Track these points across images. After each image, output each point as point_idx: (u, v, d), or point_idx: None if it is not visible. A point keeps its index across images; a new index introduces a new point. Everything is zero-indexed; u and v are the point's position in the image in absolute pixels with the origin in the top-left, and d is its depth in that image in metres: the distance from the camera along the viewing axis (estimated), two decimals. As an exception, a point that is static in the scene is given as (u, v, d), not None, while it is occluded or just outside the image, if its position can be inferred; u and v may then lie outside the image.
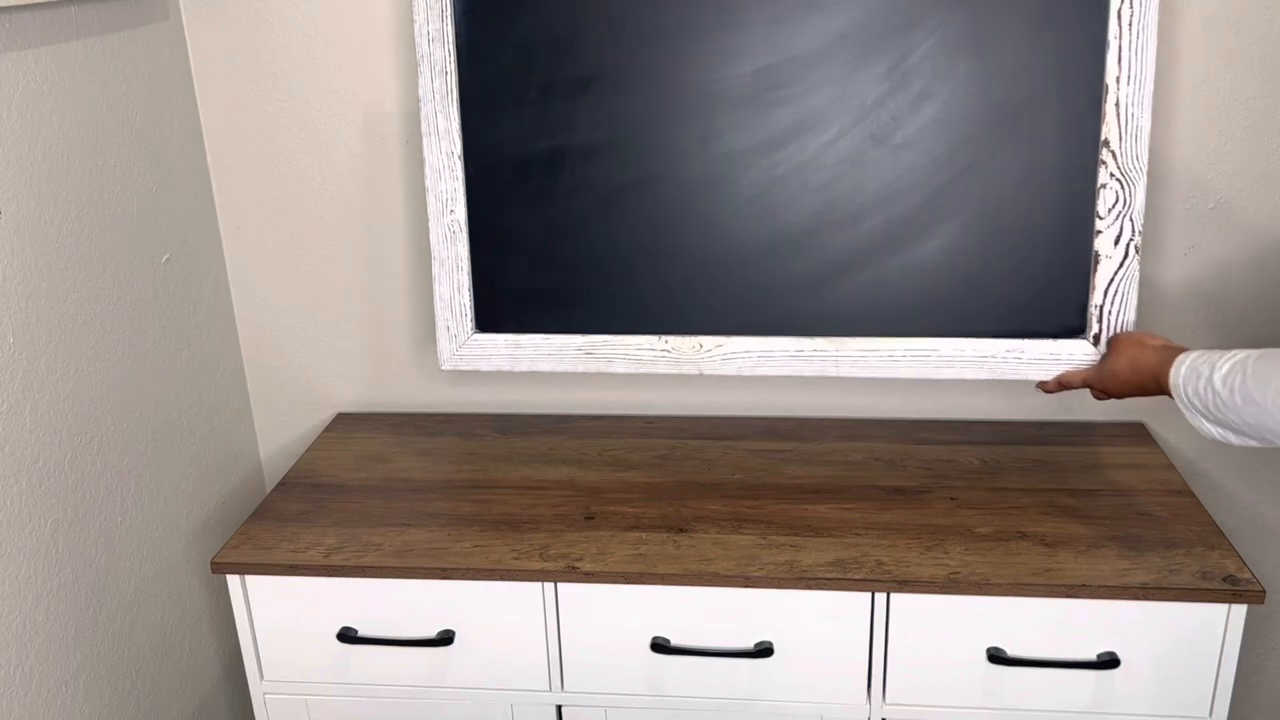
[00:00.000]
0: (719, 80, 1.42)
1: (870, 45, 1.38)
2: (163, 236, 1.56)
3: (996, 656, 1.33)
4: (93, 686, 1.41)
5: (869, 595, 1.33)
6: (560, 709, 1.45)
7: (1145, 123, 1.36)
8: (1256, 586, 1.27)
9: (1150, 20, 1.33)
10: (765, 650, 1.37)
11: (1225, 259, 1.58)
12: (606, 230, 1.49)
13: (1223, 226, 1.57)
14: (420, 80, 1.46)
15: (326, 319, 1.77)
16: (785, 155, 1.43)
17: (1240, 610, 1.28)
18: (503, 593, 1.38)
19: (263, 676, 1.47)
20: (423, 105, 1.47)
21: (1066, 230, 1.40)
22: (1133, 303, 1.42)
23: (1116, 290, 1.41)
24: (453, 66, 1.45)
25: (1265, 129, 1.52)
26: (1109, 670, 1.33)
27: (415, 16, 1.43)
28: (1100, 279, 1.41)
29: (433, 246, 1.51)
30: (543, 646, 1.41)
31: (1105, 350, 1.41)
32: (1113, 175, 1.37)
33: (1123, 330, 1.42)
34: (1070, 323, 1.44)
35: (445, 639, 1.41)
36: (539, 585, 1.38)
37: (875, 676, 1.38)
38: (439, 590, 1.39)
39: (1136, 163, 1.37)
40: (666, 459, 1.62)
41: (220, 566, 1.40)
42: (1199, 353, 1.18)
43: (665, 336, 1.52)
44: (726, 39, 1.40)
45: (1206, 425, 1.17)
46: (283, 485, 1.58)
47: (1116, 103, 1.35)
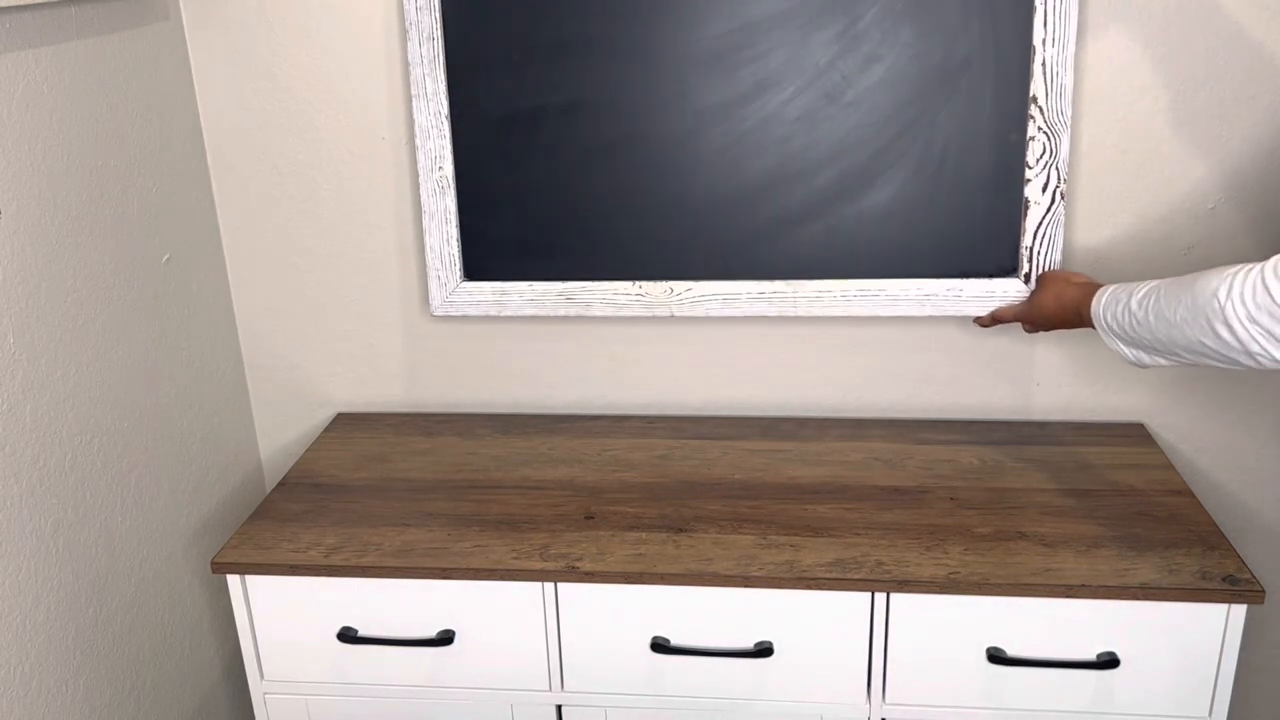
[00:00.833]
0: (688, 43, 1.52)
1: (822, 10, 1.49)
2: (163, 236, 1.56)
3: (996, 656, 1.33)
4: (93, 686, 1.41)
5: (869, 595, 1.33)
6: (560, 709, 1.45)
7: (1068, 80, 1.48)
8: (1256, 586, 1.27)
9: None
10: (765, 650, 1.37)
11: (1225, 259, 1.58)
12: (585, 184, 1.60)
13: (1224, 226, 1.57)
14: (409, 45, 1.54)
15: (326, 319, 1.77)
16: (750, 111, 1.54)
17: (1240, 610, 1.28)
18: (503, 593, 1.38)
19: (263, 676, 1.47)
20: (411, 69, 1.55)
21: (1000, 179, 1.54)
22: (1059, 244, 1.55)
23: (1044, 233, 1.55)
24: (439, 33, 1.54)
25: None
26: (1109, 670, 1.33)
27: None
28: (1030, 223, 1.55)
29: (423, 201, 1.62)
30: (543, 646, 1.41)
31: (1034, 288, 1.54)
32: (1040, 129, 1.50)
33: (1050, 269, 1.55)
34: (1004, 263, 1.57)
35: (445, 639, 1.41)
36: (539, 585, 1.38)
37: (875, 676, 1.38)
38: (439, 590, 1.39)
39: (1061, 117, 1.50)
40: (666, 459, 1.62)
41: (220, 566, 1.40)
42: (1118, 285, 1.28)
43: (639, 282, 1.63)
44: (694, 5, 1.51)
45: (1124, 348, 1.26)
46: (283, 485, 1.59)
47: (1043, 63, 1.48)
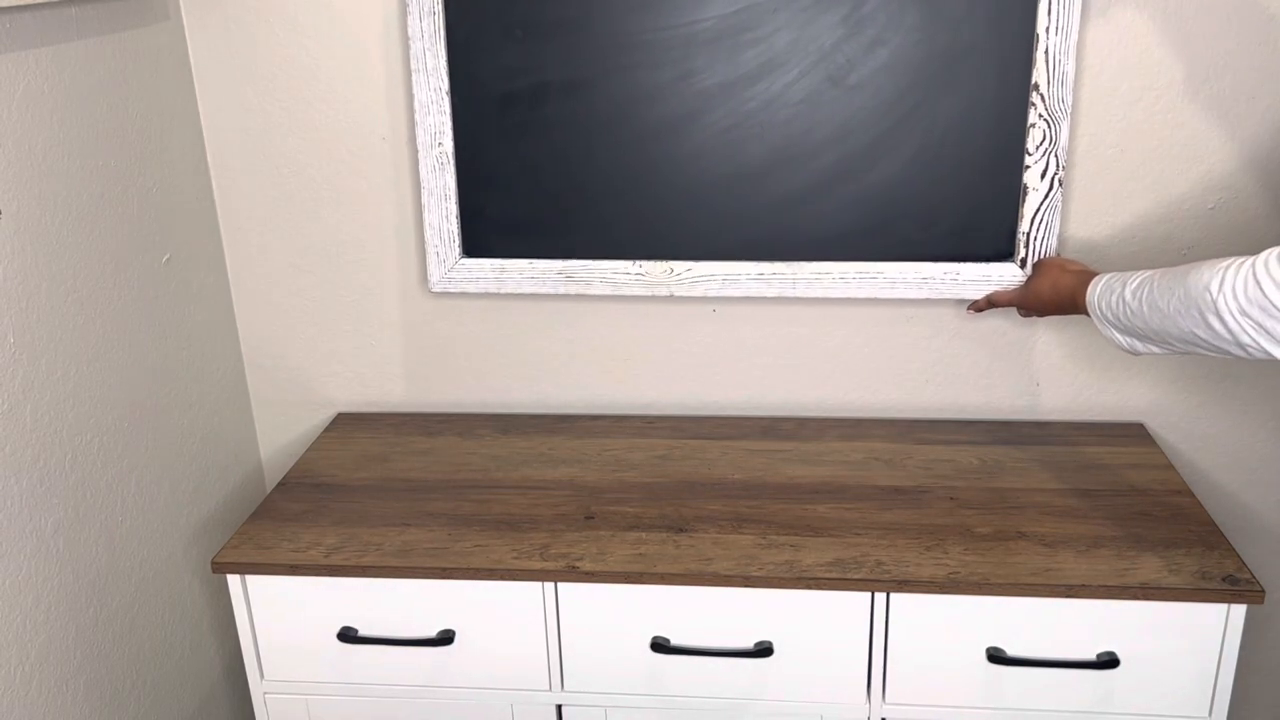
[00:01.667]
0: (692, 23, 1.52)
1: None
2: (163, 236, 1.56)
3: (996, 656, 1.33)
4: (93, 686, 1.41)
5: (869, 595, 1.33)
6: (560, 709, 1.45)
7: (1070, 68, 1.48)
8: (1256, 586, 1.27)
9: None
10: (765, 650, 1.37)
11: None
12: (586, 163, 1.59)
13: (1222, 226, 1.57)
14: (409, 20, 1.54)
15: (326, 319, 1.77)
16: (754, 92, 1.54)
17: (1240, 610, 1.28)
18: (503, 593, 1.38)
19: (263, 676, 1.47)
20: (411, 44, 1.55)
21: (999, 165, 1.54)
22: (1056, 230, 1.56)
23: (1042, 219, 1.55)
24: (440, 8, 1.53)
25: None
26: (1109, 670, 1.33)
27: None
28: (1028, 209, 1.55)
29: (422, 177, 1.61)
30: (543, 646, 1.41)
31: (1030, 273, 1.55)
32: (1041, 116, 1.51)
33: (1046, 255, 1.56)
34: (1001, 248, 1.59)
35: (445, 639, 1.41)
36: (539, 585, 1.38)
37: (875, 676, 1.38)
38: (439, 590, 1.39)
39: (1061, 105, 1.50)
40: (666, 459, 1.62)
41: (220, 566, 1.40)
42: (1113, 273, 1.29)
43: (640, 261, 1.63)
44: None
45: (1117, 335, 1.27)
46: (283, 485, 1.59)
47: (1046, 50, 1.48)
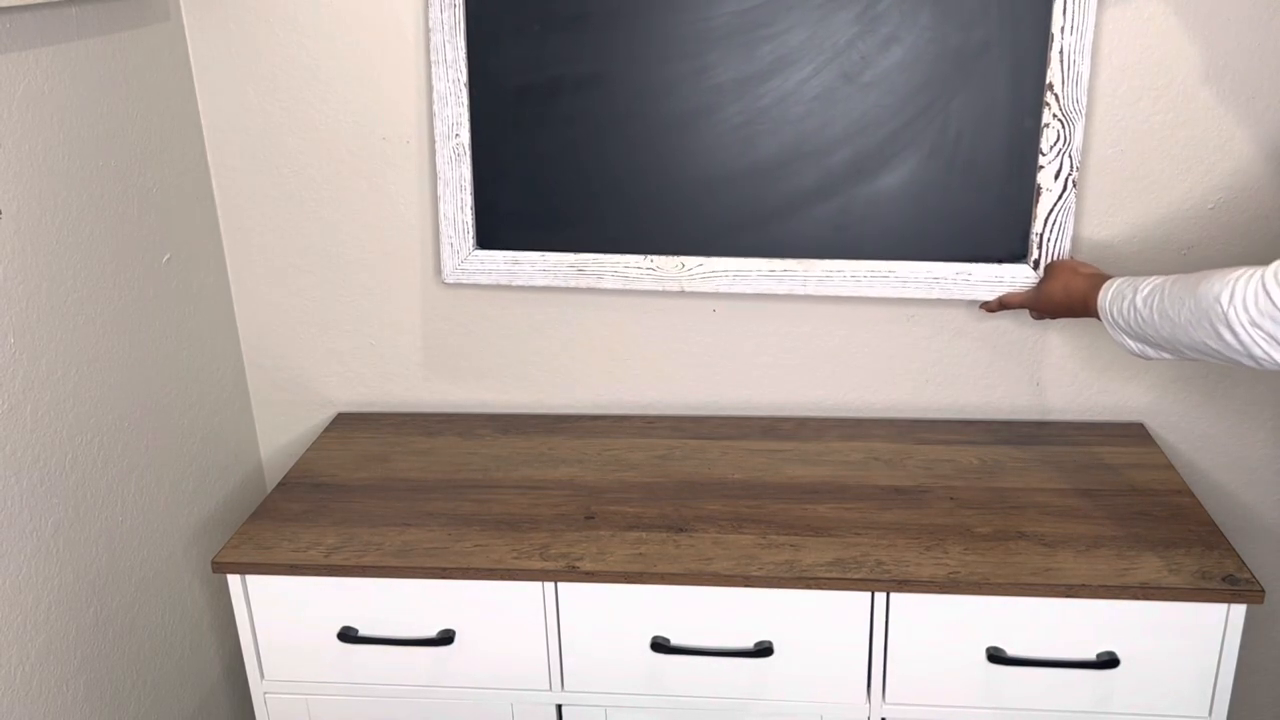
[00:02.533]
0: (708, 18, 1.52)
1: None
2: (163, 236, 1.56)
3: (996, 656, 1.33)
4: (93, 686, 1.41)
5: (869, 595, 1.33)
6: (560, 709, 1.45)
7: (1085, 69, 1.48)
8: (1256, 586, 1.27)
9: None
10: (765, 650, 1.37)
11: (1224, 259, 1.59)
12: (600, 156, 1.59)
13: (1226, 226, 1.57)
14: (430, 11, 1.54)
15: (326, 319, 1.77)
16: (768, 88, 1.54)
17: (1240, 610, 1.28)
18: (503, 592, 1.38)
19: (263, 676, 1.47)
20: (431, 35, 1.54)
21: (1013, 165, 1.53)
22: (1069, 231, 1.54)
23: (1055, 220, 1.54)
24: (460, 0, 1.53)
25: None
26: (1109, 670, 1.33)
27: None
28: (1041, 209, 1.54)
29: (438, 168, 1.61)
30: (543, 646, 1.41)
31: (1043, 275, 1.54)
32: (1055, 116, 1.50)
33: (1059, 257, 1.54)
34: (1014, 249, 1.57)
35: (445, 639, 1.41)
36: (539, 585, 1.38)
37: (875, 676, 1.38)
38: (439, 590, 1.39)
39: (1076, 105, 1.49)
40: (666, 459, 1.62)
41: (220, 566, 1.40)
42: (1124, 278, 1.28)
43: (651, 256, 1.62)
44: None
45: (1128, 341, 1.27)
46: (283, 485, 1.59)
47: (1060, 50, 1.47)
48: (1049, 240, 1.54)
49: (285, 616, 1.43)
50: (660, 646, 1.38)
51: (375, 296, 1.74)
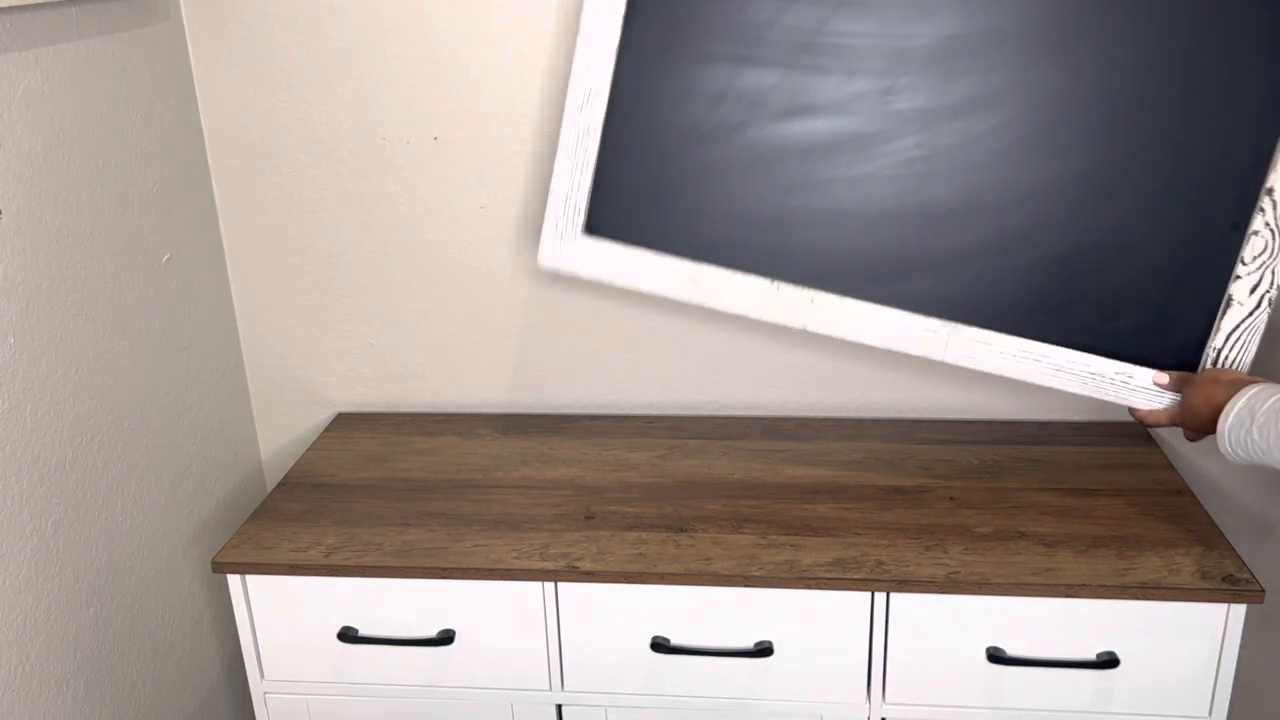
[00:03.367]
0: (907, 36, 1.37)
1: (1058, 45, 1.35)
2: (163, 236, 1.56)
3: (996, 656, 1.33)
4: (93, 686, 1.41)
5: (869, 595, 1.33)
6: (560, 709, 1.45)
7: None
8: (1256, 586, 1.27)
9: None
10: (765, 650, 1.37)
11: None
12: (747, 161, 1.42)
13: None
14: None
15: (326, 319, 1.77)
16: (955, 127, 1.38)
17: (1240, 610, 1.28)
18: (503, 592, 1.38)
19: (263, 676, 1.47)
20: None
21: (1204, 268, 1.38)
22: (1251, 352, 1.39)
23: (1239, 338, 1.39)
24: None
25: None
26: (1109, 670, 1.33)
27: None
28: (1227, 323, 1.38)
29: (563, 138, 1.42)
30: (543, 646, 1.41)
31: (1184, 388, 1.36)
32: (1267, 224, 1.35)
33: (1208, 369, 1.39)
34: (1185, 358, 1.40)
35: (445, 639, 1.41)
36: (539, 585, 1.38)
37: (875, 676, 1.38)
38: (439, 590, 1.39)
39: None
40: (666, 459, 1.62)
41: (221, 566, 1.40)
42: (1250, 395, 1.19)
43: (778, 282, 1.43)
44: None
45: (1240, 460, 1.20)
46: (283, 485, 1.59)
47: None
48: (1226, 358, 1.38)
49: (285, 616, 1.43)
50: (660, 646, 1.38)
51: (375, 296, 1.74)
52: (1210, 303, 1.38)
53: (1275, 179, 1.33)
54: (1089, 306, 1.41)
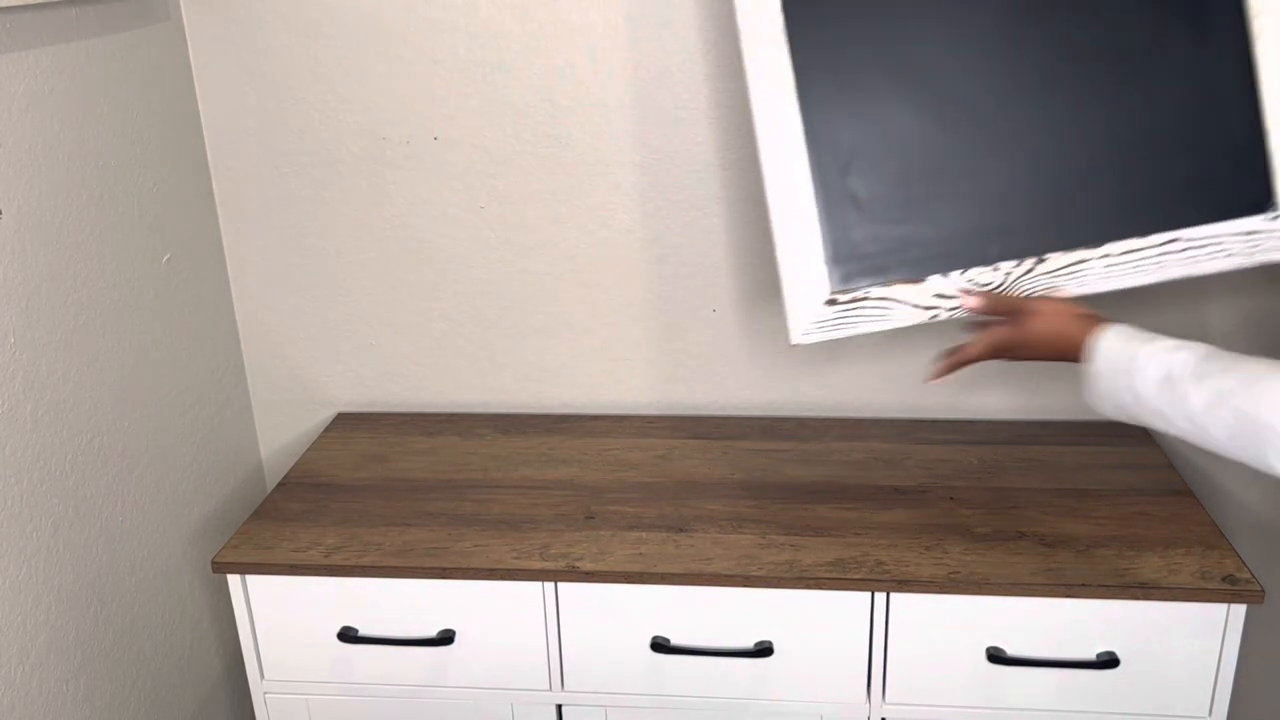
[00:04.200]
0: None
1: None
2: (163, 236, 1.56)
3: (996, 656, 1.33)
4: (93, 686, 1.41)
5: (869, 595, 1.33)
6: (560, 708, 1.45)
7: None
8: (1256, 586, 1.27)
9: None
10: (765, 650, 1.37)
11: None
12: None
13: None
14: None
15: (326, 319, 1.77)
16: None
17: (1240, 610, 1.29)
18: (503, 592, 1.38)
19: (263, 676, 1.47)
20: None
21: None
22: None
23: None
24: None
25: None
26: (1109, 670, 1.33)
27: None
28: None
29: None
30: (543, 646, 1.41)
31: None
32: None
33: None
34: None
35: (445, 639, 1.41)
36: (539, 585, 1.38)
37: (875, 676, 1.38)
38: (439, 590, 1.39)
39: None
40: (666, 459, 1.62)
41: (221, 566, 1.40)
42: (1119, 333, 1.13)
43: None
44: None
45: (1111, 413, 1.14)
46: (283, 485, 1.59)
47: None
48: None
49: (285, 616, 1.43)
50: (660, 646, 1.38)
51: (375, 295, 1.74)
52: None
53: None
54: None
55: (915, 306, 1.32)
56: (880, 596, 1.34)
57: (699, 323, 1.70)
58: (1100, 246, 1.29)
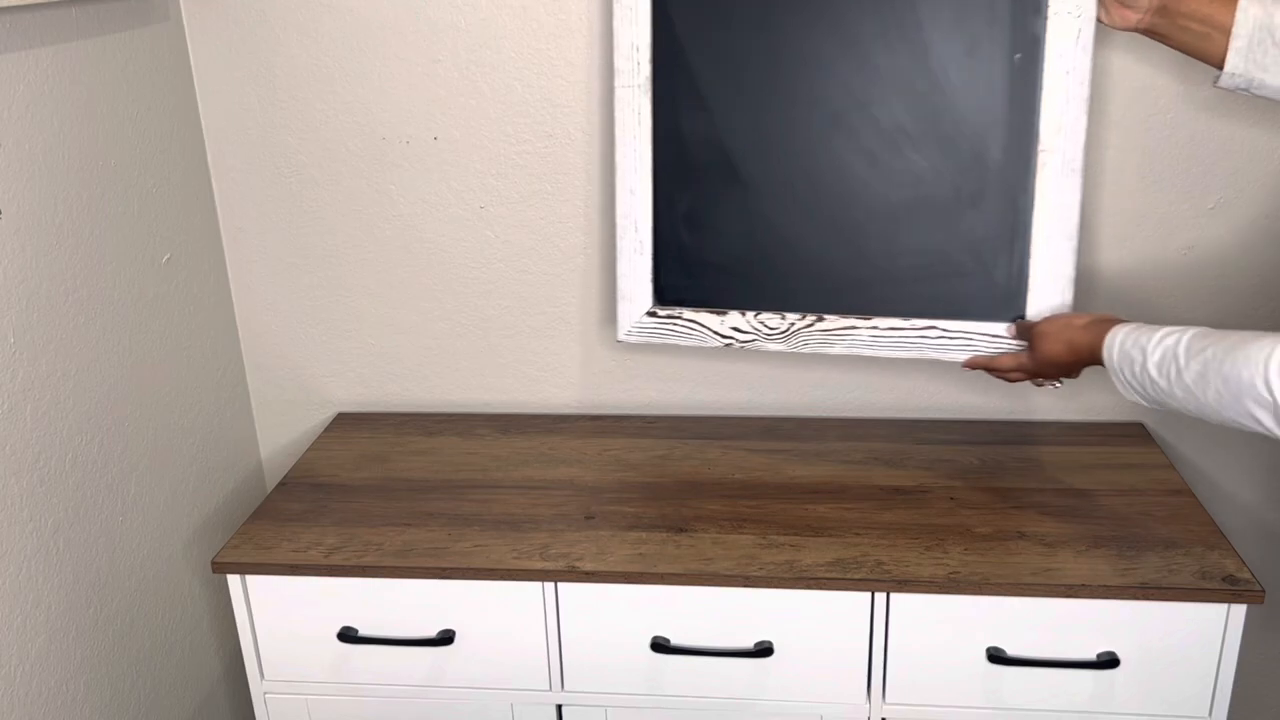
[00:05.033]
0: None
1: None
2: (163, 236, 1.56)
3: (996, 656, 1.33)
4: (93, 686, 1.41)
5: (869, 595, 1.33)
6: (560, 709, 1.45)
7: None
8: (1256, 586, 1.27)
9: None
10: (765, 650, 1.37)
11: (1224, 259, 1.59)
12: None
13: (1224, 226, 1.57)
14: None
15: (326, 319, 1.77)
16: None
17: (1240, 610, 1.28)
18: (503, 593, 1.38)
19: (263, 676, 1.47)
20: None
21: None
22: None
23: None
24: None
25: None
26: (1109, 670, 1.33)
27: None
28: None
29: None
30: (543, 646, 1.41)
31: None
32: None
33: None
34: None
35: (445, 639, 1.41)
36: (539, 585, 1.38)
37: (875, 676, 1.38)
38: (439, 590, 1.39)
39: None
40: (666, 459, 1.62)
41: (221, 566, 1.40)
42: (1126, 331, 1.20)
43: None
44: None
45: (1142, 401, 1.20)
46: (283, 485, 1.59)
47: None
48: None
49: (285, 616, 1.43)
50: (660, 647, 1.38)
51: (375, 296, 1.74)
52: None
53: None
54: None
55: (715, 333, 1.55)
56: (880, 596, 1.34)
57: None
58: (870, 319, 1.50)
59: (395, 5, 1.57)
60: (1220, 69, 1.25)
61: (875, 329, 1.50)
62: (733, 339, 1.54)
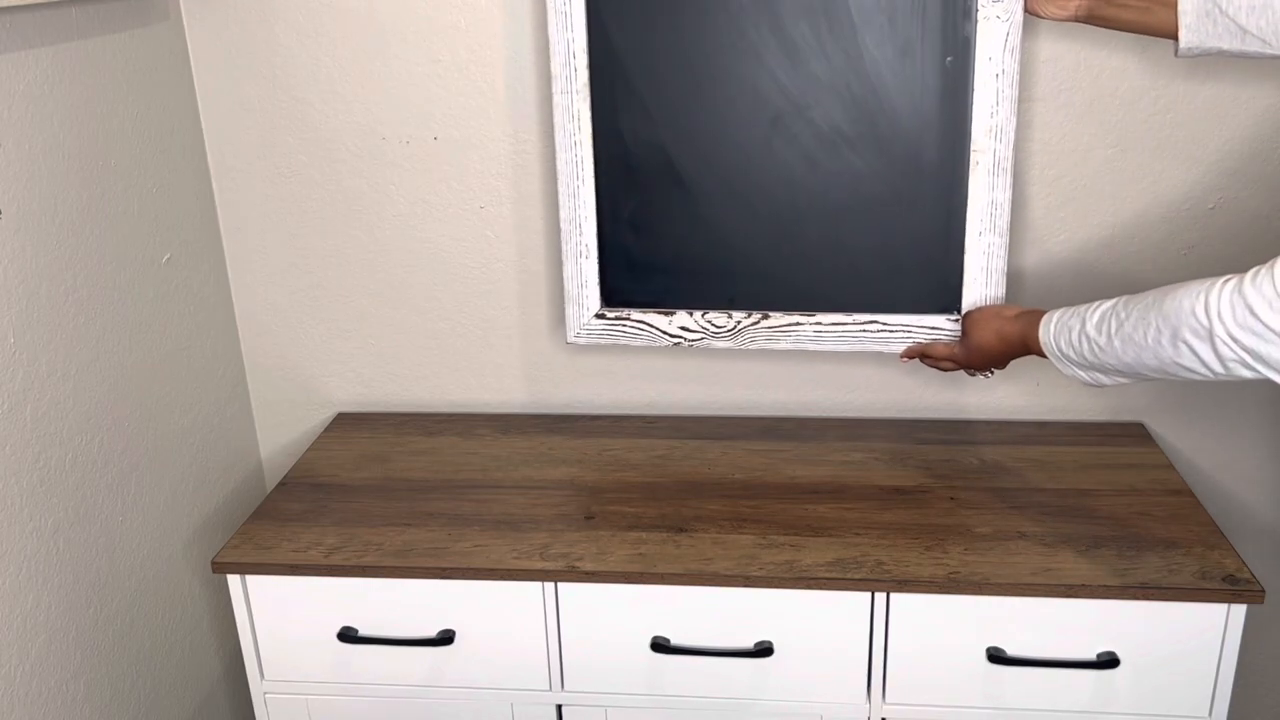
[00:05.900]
0: None
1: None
2: (163, 236, 1.56)
3: (996, 656, 1.33)
4: (93, 686, 1.41)
5: (869, 595, 1.33)
6: (560, 709, 1.45)
7: None
8: (1256, 586, 1.27)
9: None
10: (765, 650, 1.37)
11: (1226, 258, 1.59)
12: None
13: (1223, 227, 1.57)
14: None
15: (326, 319, 1.77)
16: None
17: (1240, 610, 1.29)
18: (503, 593, 1.38)
19: (263, 676, 1.47)
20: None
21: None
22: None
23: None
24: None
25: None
26: (1109, 670, 1.33)
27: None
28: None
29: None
30: (543, 646, 1.41)
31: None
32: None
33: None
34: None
35: (445, 639, 1.41)
36: (539, 585, 1.38)
37: (875, 676, 1.38)
38: (439, 590, 1.39)
39: None
40: (666, 459, 1.62)
41: (221, 566, 1.40)
42: (1062, 310, 1.23)
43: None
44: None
45: (1080, 372, 1.22)
46: (283, 485, 1.59)
47: None
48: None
49: (285, 616, 1.43)
50: (660, 646, 1.38)
51: (375, 296, 1.74)
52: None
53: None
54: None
55: (664, 333, 1.59)
56: (880, 596, 1.34)
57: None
58: (814, 315, 1.55)
59: (395, 5, 1.58)
60: (1172, 39, 1.27)
61: (819, 324, 1.55)
62: (681, 338, 1.58)
